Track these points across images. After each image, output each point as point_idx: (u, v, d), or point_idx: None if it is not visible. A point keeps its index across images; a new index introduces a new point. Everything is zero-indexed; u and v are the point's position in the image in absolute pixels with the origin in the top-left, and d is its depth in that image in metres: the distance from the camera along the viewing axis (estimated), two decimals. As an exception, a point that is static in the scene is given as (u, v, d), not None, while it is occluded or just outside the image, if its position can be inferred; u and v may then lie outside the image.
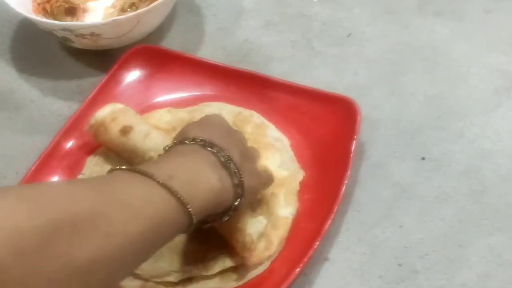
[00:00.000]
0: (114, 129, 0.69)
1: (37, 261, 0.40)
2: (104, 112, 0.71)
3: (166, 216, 0.49)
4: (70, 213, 0.43)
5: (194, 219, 0.51)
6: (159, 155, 0.60)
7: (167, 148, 0.59)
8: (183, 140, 0.57)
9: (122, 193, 0.48)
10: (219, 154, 0.55)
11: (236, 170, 0.55)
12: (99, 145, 0.73)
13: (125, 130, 0.69)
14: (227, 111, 0.76)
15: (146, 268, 0.62)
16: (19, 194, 0.43)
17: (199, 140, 0.56)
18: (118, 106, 0.72)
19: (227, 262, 0.62)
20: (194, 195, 0.51)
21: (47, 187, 0.50)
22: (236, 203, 0.56)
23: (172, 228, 0.50)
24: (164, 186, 0.49)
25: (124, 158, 0.70)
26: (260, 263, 0.63)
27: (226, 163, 0.55)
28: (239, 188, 0.56)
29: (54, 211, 0.42)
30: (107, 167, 0.71)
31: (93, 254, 0.42)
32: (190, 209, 0.50)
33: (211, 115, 0.63)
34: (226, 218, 0.57)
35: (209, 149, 0.55)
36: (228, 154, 0.55)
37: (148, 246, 0.49)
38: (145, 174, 0.50)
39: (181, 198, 0.49)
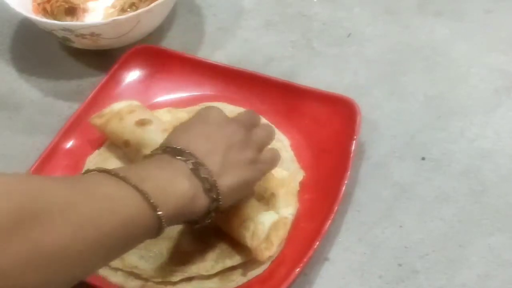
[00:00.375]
0: (130, 120, 0.70)
1: (6, 241, 0.41)
2: (121, 105, 0.72)
3: (136, 217, 0.50)
4: (44, 202, 0.44)
5: (164, 223, 0.51)
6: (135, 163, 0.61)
7: (143, 158, 0.59)
8: (157, 149, 0.58)
9: (94, 190, 0.49)
10: (187, 161, 0.55)
11: (206, 176, 0.55)
12: (99, 144, 0.73)
13: (143, 122, 0.70)
14: (227, 111, 0.75)
15: (146, 268, 0.62)
16: None
17: (169, 149, 0.56)
18: (135, 102, 0.73)
19: (227, 262, 0.62)
20: (165, 200, 0.51)
21: (23, 176, 0.51)
22: (214, 206, 0.56)
23: (142, 230, 0.51)
24: (136, 188, 0.50)
25: (130, 150, 0.70)
26: (262, 263, 0.63)
27: (194, 170, 0.55)
28: (213, 192, 0.55)
29: (28, 199, 0.43)
30: (107, 167, 0.70)
31: (63, 242, 0.44)
32: (160, 213, 0.50)
33: (205, 110, 0.62)
34: (209, 221, 0.57)
35: (178, 157, 0.55)
36: (197, 160, 0.55)
37: (118, 244, 0.49)
38: (118, 176, 0.50)
39: (152, 201, 0.50)
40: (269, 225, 0.62)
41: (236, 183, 0.58)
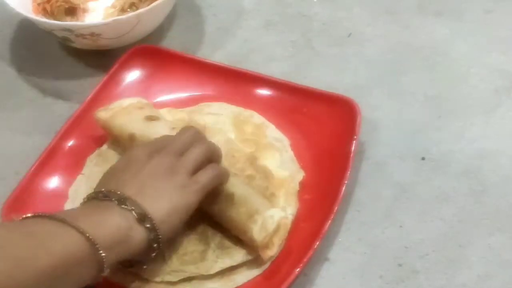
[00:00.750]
0: (138, 115, 0.70)
1: None
2: (130, 101, 0.73)
3: (76, 254, 0.51)
4: None
5: (104, 258, 0.52)
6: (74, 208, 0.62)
7: (83, 201, 0.59)
8: (98, 192, 0.58)
9: (33, 230, 0.51)
10: (113, 200, 0.56)
11: (132, 208, 0.56)
12: (99, 144, 0.73)
13: (152, 118, 0.70)
14: (228, 111, 0.76)
15: (146, 268, 0.62)
16: None
17: (94, 195, 0.58)
18: (145, 100, 0.74)
19: (227, 262, 0.62)
20: (101, 233, 0.52)
21: None
22: (153, 237, 0.56)
23: (82, 268, 0.52)
24: (73, 226, 0.51)
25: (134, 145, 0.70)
26: (262, 263, 0.63)
27: (120, 203, 0.56)
28: (147, 222, 0.56)
29: None
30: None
31: (3, 282, 0.45)
32: (97, 246, 0.51)
33: (129, 151, 0.63)
34: (155, 253, 0.58)
35: (105, 198, 0.57)
36: (122, 196, 0.56)
37: (57, 283, 0.50)
38: (55, 218, 0.52)
39: (89, 237, 0.51)
40: (278, 219, 0.62)
41: (169, 209, 0.57)
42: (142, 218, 0.55)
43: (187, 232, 0.64)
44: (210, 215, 0.64)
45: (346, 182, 0.66)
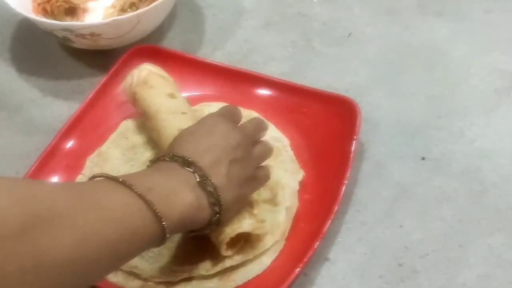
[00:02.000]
0: (161, 90, 0.72)
1: (13, 247, 0.40)
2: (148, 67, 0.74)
3: (141, 226, 0.50)
4: (51, 208, 0.44)
5: (168, 233, 0.52)
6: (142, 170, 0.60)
7: (149, 163, 0.59)
8: (165, 155, 0.57)
9: (101, 198, 0.49)
10: (195, 173, 0.55)
11: (212, 190, 0.56)
12: (99, 144, 0.73)
13: (173, 96, 0.71)
14: (227, 111, 0.76)
15: (146, 268, 0.62)
16: (2, 184, 0.44)
17: (178, 158, 0.56)
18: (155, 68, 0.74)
19: (227, 262, 0.62)
20: (170, 210, 0.52)
21: (29, 183, 0.52)
22: (215, 219, 0.57)
23: (146, 239, 0.51)
24: (142, 197, 0.50)
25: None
26: (262, 263, 0.63)
27: (201, 183, 0.55)
28: (216, 206, 0.56)
29: (35, 205, 0.43)
30: (107, 167, 0.71)
31: (69, 249, 0.43)
32: (164, 224, 0.51)
33: (211, 118, 0.63)
34: (208, 231, 0.58)
35: (186, 168, 0.56)
36: (204, 173, 0.56)
37: (122, 253, 0.49)
38: (124, 184, 0.50)
39: (157, 211, 0.50)
40: (274, 222, 0.63)
41: (236, 198, 0.59)
42: (215, 202, 0.56)
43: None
44: None
45: (346, 182, 0.66)
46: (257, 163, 0.62)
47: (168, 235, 0.52)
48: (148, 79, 0.72)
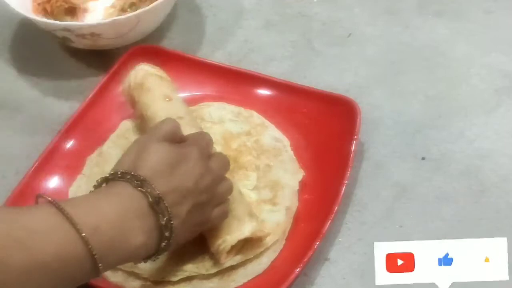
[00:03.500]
0: (158, 92, 0.71)
1: None
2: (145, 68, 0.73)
3: (74, 270, 0.48)
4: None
5: (101, 274, 0.50)
6: (90, 191, 0.56)
7: (98, 182, 0.56)
8: (132, 178, 0.53)
9: (35, 242, 0.46)
10: (162, 216, 0.53)
11: (168, 235, 0.53)
12: (99, 144, 0.73)
13: (170, 98, 0.70)
14: (227, 111, 0.76)
15: (146, 268, 0.62)
16: None
17: (128, 177, 0.53)
18: (152, 69, 0.74)
19: (227, 262, 0.62)
20: (112, 255, 0.50)
21: None
22: (153, 258, 0.55)
23: (78, 277, 0.49)
24: (85, 241, 0.48)
25: (170, 106, 0.70)
26: (262, 263, 0.63)
27: (164, 226, 0.53)
28: (162, 251, 0.54)
29: None
30: (107, 167, 0.70)
31: None
32: (100, 267, 0.49)
33: (186, 150, 0.58)
34: (154, 259, 0.56)
35: (154, 206, 0.52)
36: (170, 217, 0.53)
37: (51, 281, 0.48)
38: (70, 221, 0.48)
39: (96, 257, 0.48)
40: (274, 225, 0.63)
41: (182, 240, 0.57)
42: (167, 225, 0.53)
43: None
44: None
45: (346, 182, 0.66)
46: (217, 202, 0.59)
47: (102, 274, 0.50)
48: (144, 81, 0.72)
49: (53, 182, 0.70)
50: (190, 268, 0.62)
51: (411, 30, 0.87)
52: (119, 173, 0.54)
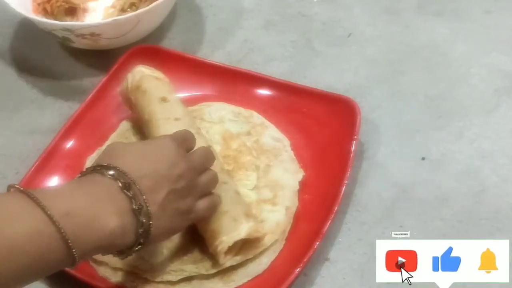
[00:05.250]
0: (155, 94, 0.70)
1: None
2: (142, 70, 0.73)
3: (49, 253, 0.48)
4: None
5: (77, 260, 0.49)
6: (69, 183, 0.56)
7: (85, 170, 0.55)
8: (103, 168, 0.53)
9: (6, 224, 0.46)
10: (133, 199, 0.52)
11: (144, 220, 0.53)
12: (99, 144, 0.73)
13: (165, 100, 0.70)
14: (227, 111, 0.76)
15: (146, 268, 0.62)
16: None
17: (118, 176, 0.53)
18: (148, 71, 0.74)
19: (227, 262, 0.62)
20: (85, 239, 0.49)
21: None
22: (135, 248, 0.54)
23: (53, 264, 0.49)
24: (56, 224, 0.47)
25: (166, 106, 0.70)
26: (262, 263, 0.63)
27: (136, 211, 0.52)
28: (143, 238, 0.53)
29: None
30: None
31: None
32: (74, 253, 0.48)
33: (159, 140, 0.60)
34: (122, 257, 0.55)
35: (125, 191, 0.52)
36: (141, 200, 0.53)
37: (25, 277, 0.48)
38: (39, 204, 0.48)
39: (69, 242, 0.48)
40: (274, 223, 0.63)
41: (166, 231, 0.57)
42: (144, 232, 0.53)
43: (187, 232, 0.64)
44: None
45: (346, 182, 0.66)
46: (200, 194, 0.59)
47: (77, 260, 0.49)
48: (141, 83, 0.72)
49: (53, 182, 0.70)
50: (190, 268, 0.62)
51: (411, 30, 0.87)
52: (92, 167, 0.54)
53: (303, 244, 0.63)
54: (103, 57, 0.83)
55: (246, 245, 0.62)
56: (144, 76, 0.72)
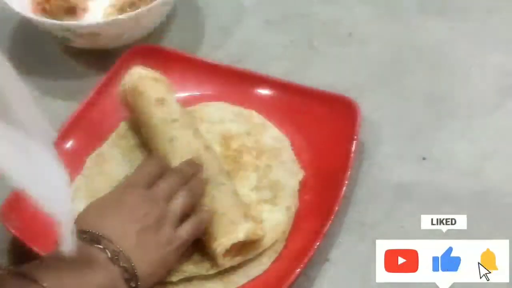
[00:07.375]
0: (151, 97, 0.70)
1: None
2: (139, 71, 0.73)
3: None
4: None
5: None
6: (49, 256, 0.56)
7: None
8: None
9: None
10: (106, 249, 0.54)
11: (125, 265, 0.54)
12: (99, 144, 0.73)
13: (161, 102, 0.70)
14: (227, 111, 0.76)
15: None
16: None
17: (86, 236, 0.54)
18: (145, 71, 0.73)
19: (227, 262, 0.62)
20: None
21: None
22: (127, 276, 0.54)
23: None
24: None
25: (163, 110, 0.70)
26: (262, 263, 0.63)
27: (113, 259, 0.54)
28: (133, 281, 0.54)
29: None
30: (107, 167, 0.71)
31: None
32: None
33: (116, 190, 0.62)
34: None
35: (95, 245, 0.54)
36: (115, 248, 0.54)
37: None
38: (37, 283, 0.49)
39: None
40: (275, 222, 0.63)
41: (157, 264, 0.57)
42: (131, 278, 0.54)
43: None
44: None
45: (346, 182, 0.66)
46: (176, 219, 0.60)
47: None
48: (137, 84, 0.71)
49: (53, 182, 0.70)
50: (190, 269, 0.62)
51: (412, 30, 0.87)
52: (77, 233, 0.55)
53: (303, 244, 0.63)
54: (102, 57, 0.82)
55: (245, 246, 0.62)
56: (141, 77, 0.72)
